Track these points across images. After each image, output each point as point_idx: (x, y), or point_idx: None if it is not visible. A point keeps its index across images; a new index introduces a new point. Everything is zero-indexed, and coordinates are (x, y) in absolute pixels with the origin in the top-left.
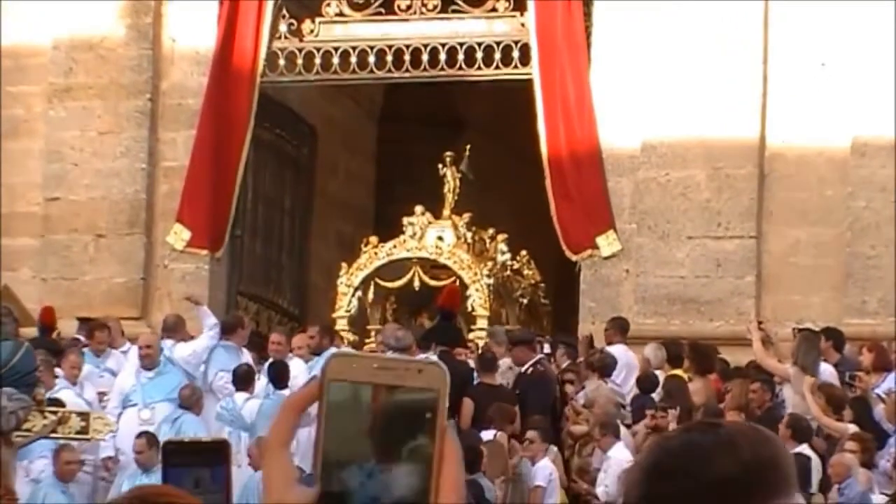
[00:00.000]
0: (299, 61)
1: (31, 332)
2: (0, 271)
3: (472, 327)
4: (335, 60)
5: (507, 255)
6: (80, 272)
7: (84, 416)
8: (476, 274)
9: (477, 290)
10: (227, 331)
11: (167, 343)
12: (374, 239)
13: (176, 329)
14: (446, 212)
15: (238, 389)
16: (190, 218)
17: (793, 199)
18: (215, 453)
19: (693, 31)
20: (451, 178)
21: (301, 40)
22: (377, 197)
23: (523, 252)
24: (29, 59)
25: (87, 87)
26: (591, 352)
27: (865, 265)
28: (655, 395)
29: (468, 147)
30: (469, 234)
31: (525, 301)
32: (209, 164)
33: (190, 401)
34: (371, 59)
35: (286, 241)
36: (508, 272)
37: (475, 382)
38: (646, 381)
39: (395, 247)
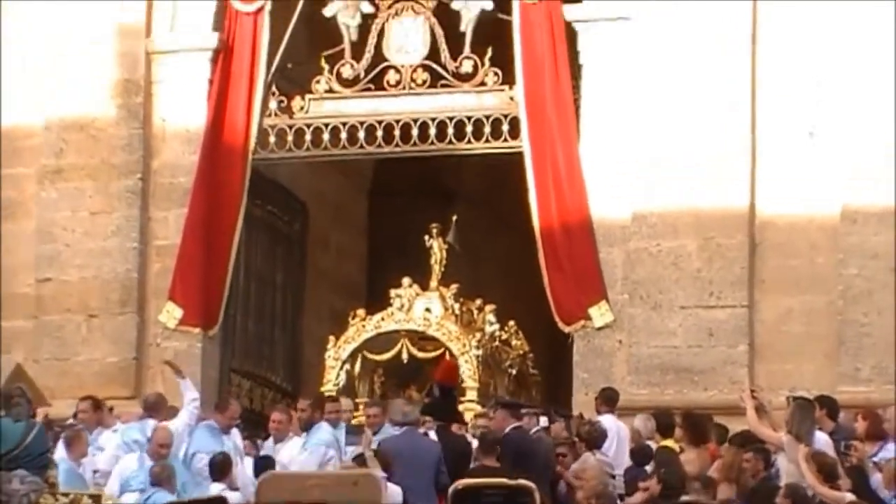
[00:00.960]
0: (290, 137)
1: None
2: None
3: (462, 399)
4: (325, 136)
5: (496, 326)
6: (73, 352)
7: (96, 498)
8: (465, 345)
9: (466, 361)
10: (215, 408)
11: (150, 423)
12: (361, 311)
13: (157, 408)
14: (434, 283)
15: (214, 480)
16: (182, 296)
17: (784, 267)
18: None
19: (682, 102)
20: (437, 250)
21: (291, 117)
22: (369, 271)
23: (511, 322)
24: (23, 140)
25: (79, 167)
26: (581, 423)
27: (858, 332)
28: (648, 467)
29: (455, 218)
30: (457, 306)
31: (514, 371)
32: (201, 241)
33: (160, 478)
34: (361, 134)
35: (278, 317)
36: (497, 343)
37: (475, 465)
38: (640, 454)
39: (382, 319)
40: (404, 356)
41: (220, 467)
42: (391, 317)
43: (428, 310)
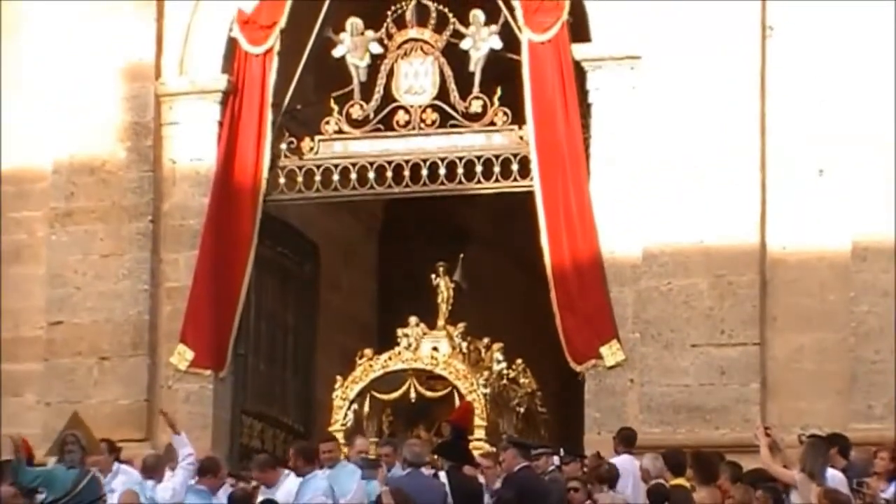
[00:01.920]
0: (299, 178)
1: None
2: (1, 396)
3: (470, 438)
4: (335, 177)
5: (504, 365)
6: (84, 395)
7: None
8: (472, 384)
9: (474, 399)
10: (200, 473)
11: (148, 484)
12: (368, 351)
13: (156, 469)
14: (441, 322)
15: None
16: (193, 338)
17: (795, 304)
18: None
19: (691, 140)
20: (444, 288)
21: (301, 158)
22: (380, 311)
23: (519, 361)
24: (31, 184)
25: (89, 210)
26: (597, 463)
27: (870, 370)
28: None
29: (461, 256)
30: (464, 344)
31: (522, 410)
32: (211, 283)
33: None
34: (371, 174)
35: (290, 358)
36: (505, 381)
37: None
38: (656, 494)
39: (390, 358)
40: (412, 395)
41: None
42: (398, 356)
43: (435, 348)
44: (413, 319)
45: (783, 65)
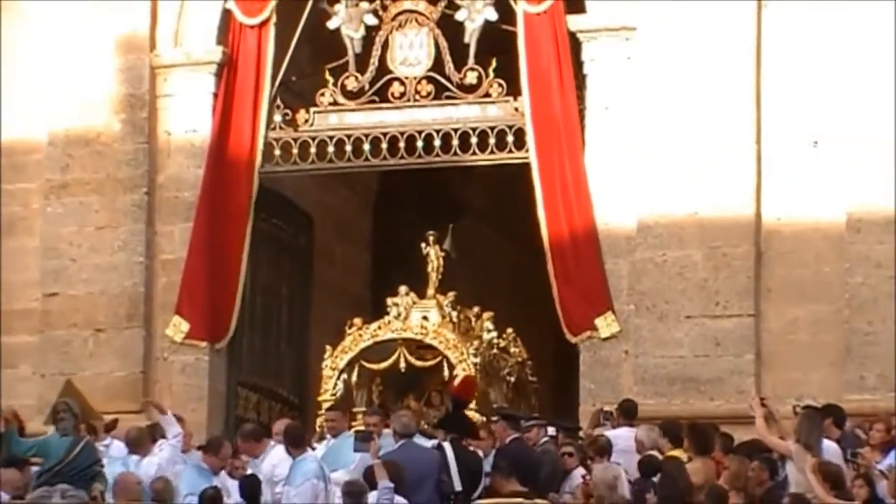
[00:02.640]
0: (295, 151)
1: None
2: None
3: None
4: (330, 149)
5: (494, 334)
6: (79, 367)
7: None
8: (462, 353)
9: (464, 369)
10: (205, 450)
11: (132, 459)
12: (358, 320)
13: (140, 443)
14: (431, 291)
15: None
16: (188, 310)
17: (790, 276)
18: None
19: (686, 111)
20: (434, 258)
21: (296, 130)
22: (373, 284)
23: (509, 330)
24: (25, 155)
25: (84, 182)
26: (600, 416)
27: (864, 341)
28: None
29: (451, 226)
30: (454, 314)
31: (512, 379)
32: (206, 255)
33: None
34: (366, 146)
35: (285, 329)
36: (495, 350)
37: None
38: (647, 465)
39: (379, 328)
40: (402, 365)
41: (211, 502)
42: (388, 326)
43: (425, 318)
44: (403, 289)
45: (778, 35)
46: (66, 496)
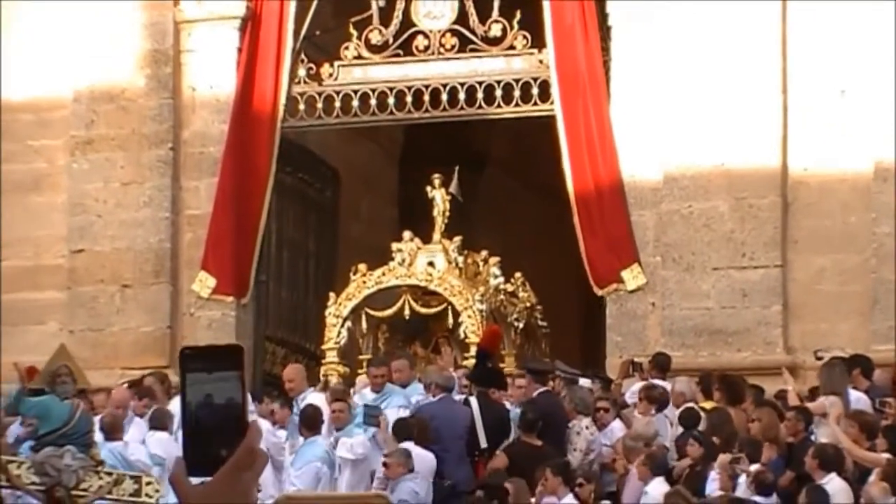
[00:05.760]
0: (319, 105)
1: None
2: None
3: (466, 356)
4: (355, 103)
5: (501, 279)
6: (106, 323)
7: (136, 479)
8: (468, 300)
9: (469, 316)
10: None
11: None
12: (362, 266)
13: (114, 429)
14: (436, 236)
15: None
16: (215, 265)
17: (817, 226)
18: (232, 357)
19: (712, 61)
20: (440, 201)
21: (320, 84)
22: (399, 238)
23: (518, 274)
24: (50, 112)
25: (109, 138)
26: (648, 385)
27: (890, 291)
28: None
29: (457, 168)
30: (460, 259)
31: (521, 325)
32: (232, 210)
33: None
34: (391, 100)
35: (311, 284)
36: (502, 296)
37: (516, 439)
38: (688, 417)
39: (383, 274)
40: (406, 312)
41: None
42: (392, 272)
43: (431, 264)
44: (407, 234)
45: None
46: (76, 457)
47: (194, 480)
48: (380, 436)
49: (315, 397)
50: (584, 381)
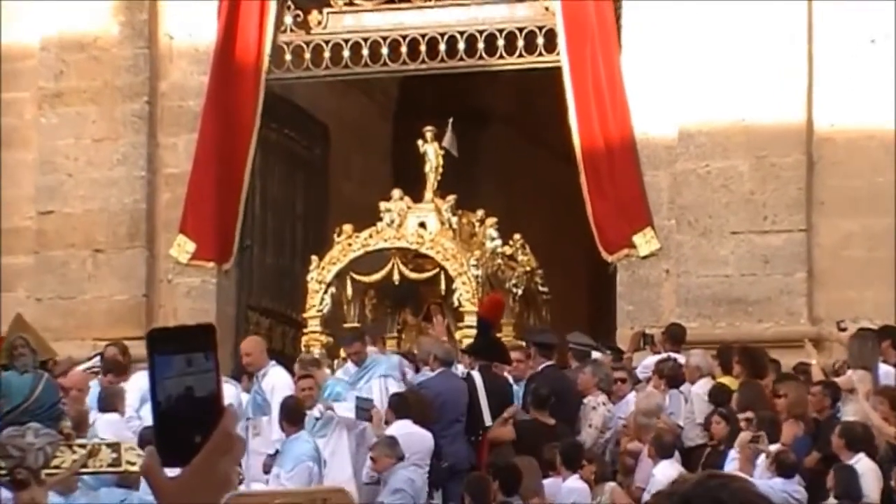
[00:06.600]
0: (307, 55)
1: None
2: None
3: (460, 325)
4: (346, 53)
5: (498, 242)
6: (78, 290)
7: (114, 446)
8: (462, 264)
9: (464, 282)
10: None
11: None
12: (347, 227)
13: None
14: (428, 195)
15: None
16: (194, 228)
17: (844, 187)
18: (203, 337)
19: (731, 8)
20: (433, 156)
21: (308, 33)
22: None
23: (517, 236)
24: (17, 62)
25: (80, 91)
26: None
27: None
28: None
29: (451, 121)
30: (454, 219)
31: (520, 291)
32: (213, 169)
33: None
34: (384, 50)
35: (298, 249)
36: (499, 260)
37: (527, 418)
38: (718, 394)
39: (370, 236)
40: (395, 277)
41: None
42: (380, 234)
43: (422, 225)
44: (396, 192)
45: None
46: (40, 434)
47: (168, 472)
48: (371, 431)
49: (277, 372)
50: (596, 354)
